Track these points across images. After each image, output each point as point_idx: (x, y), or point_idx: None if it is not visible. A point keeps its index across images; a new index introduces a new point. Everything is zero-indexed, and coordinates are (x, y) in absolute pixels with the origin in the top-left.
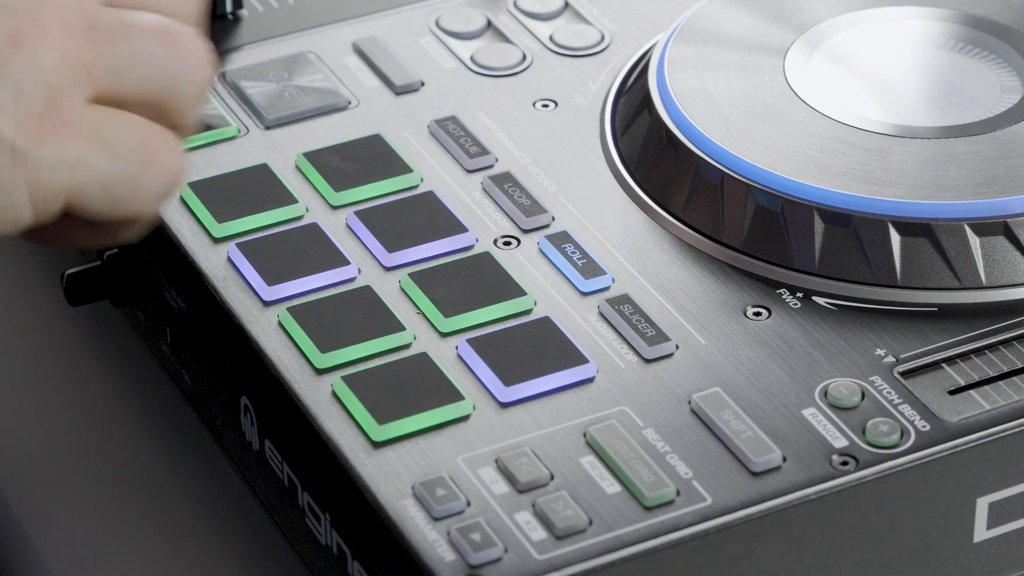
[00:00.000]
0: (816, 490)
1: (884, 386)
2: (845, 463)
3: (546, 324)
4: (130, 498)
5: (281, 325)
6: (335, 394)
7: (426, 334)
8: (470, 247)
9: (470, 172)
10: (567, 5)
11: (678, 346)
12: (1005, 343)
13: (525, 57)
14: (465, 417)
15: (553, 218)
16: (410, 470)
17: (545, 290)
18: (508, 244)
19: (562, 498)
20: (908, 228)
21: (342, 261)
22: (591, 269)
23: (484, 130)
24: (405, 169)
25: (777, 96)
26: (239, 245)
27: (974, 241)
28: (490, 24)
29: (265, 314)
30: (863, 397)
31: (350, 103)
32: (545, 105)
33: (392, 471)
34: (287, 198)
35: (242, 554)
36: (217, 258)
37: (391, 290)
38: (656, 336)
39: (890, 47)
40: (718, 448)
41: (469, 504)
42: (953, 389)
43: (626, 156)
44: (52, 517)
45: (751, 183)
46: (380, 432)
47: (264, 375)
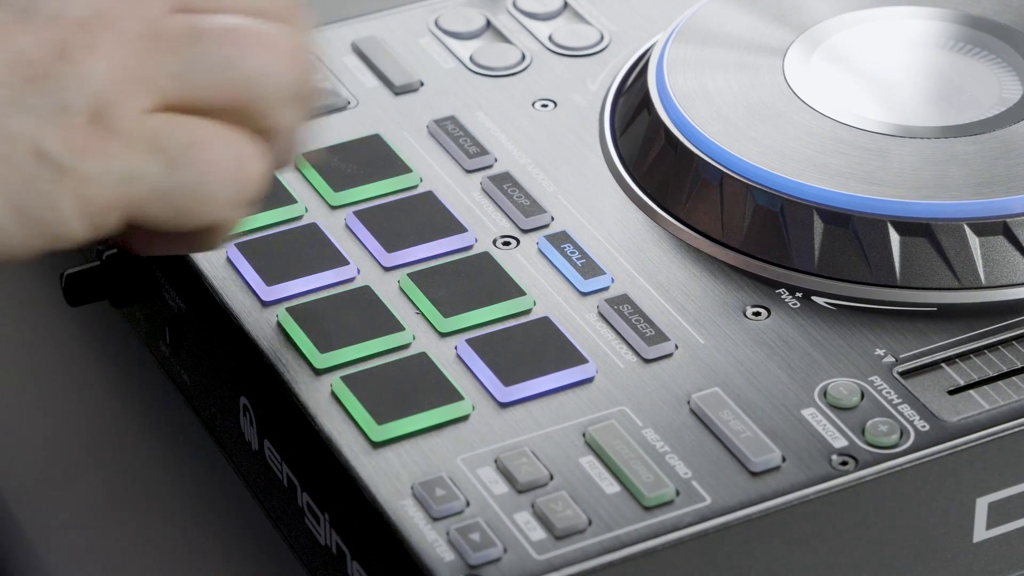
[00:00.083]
0: (815, 490)
1: (883, 386)
2: (844, 463)
3: (545, 324)
4: (129, 498)
5: (280, 325)
6: (334, 394)
7: (425, 334)
8: (469, 247)
9: (469, 172)
10: (566, 5)
11: (677, 346)
12: (1005, 343)
13: (524, 57)
14: (464, 417)
15: (552, 218)
16: (409, 470)
17: (544, 290)
18: (507, 244)
19: (561, 498)
20: (907, 228)
21: (341, 261)
22: (590, 269)
23: (483, 130)
24: (404, 169)
25: (776, 96)
26: (238, 245)
27: (973, 241)
28: (489, 24)
29: (264, 314)
30: (862, 397)
31: (349, 103)
32: (544, 105)
33: (391, 471)
34: (286, 198)
35: (241, 554)
36: (216, 258)
37: (390, 290)
38: (655, 336)
39: (889, 47)
40: (717, 448)
41: (468, 504)
42: (952, 389)
43: (625, 156)
44: (51, 517)
45: (750, 183)
46: (379, 432)
47: (263, 375)
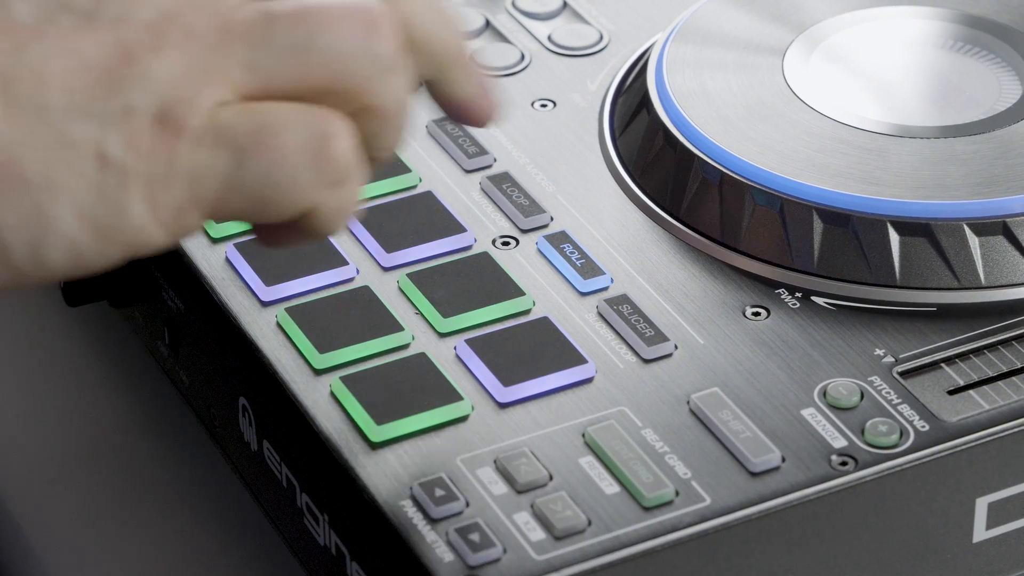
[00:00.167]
0: (815, 490)
1: (883, 386)
2: (844, 463)
3: (545, 324)
4: (128, 499)
5: (279, 325)
6: (333, 394)
7: (424, 334)
8: (468, 247)
9: (468, 172)
10: (565, 5)
11: (677, 346)
12: (1004, 343)
13: (523, 57)
14: (464, 417)
15: (552, 218)
16: (409, 471)
17: (544, 290)
18: (507, 244)
19: (561, 498)
20: (907, 228)
21: (340, 261)
22: (590, 269)
23: (482, 130)
24: (403, 169)
25: (776, 96)
26: (237, 245)
27: (973, 241)
28: (488, 24)
29: (263, 314)
30: (862, 397)
31: None
32: (544, 105)
33: (391, 472)
34: None
35: (240, 555)
36: (215, 258)
37: (389, 290)
38: (655, 336)
39: (889, 47)
40: (717, 448)
41: (468, 505)
42: (952, 389)
43: (625, 156)
44: (50, 517)
45: (750, 183)
46: (379, 433)
47: (262, 375)
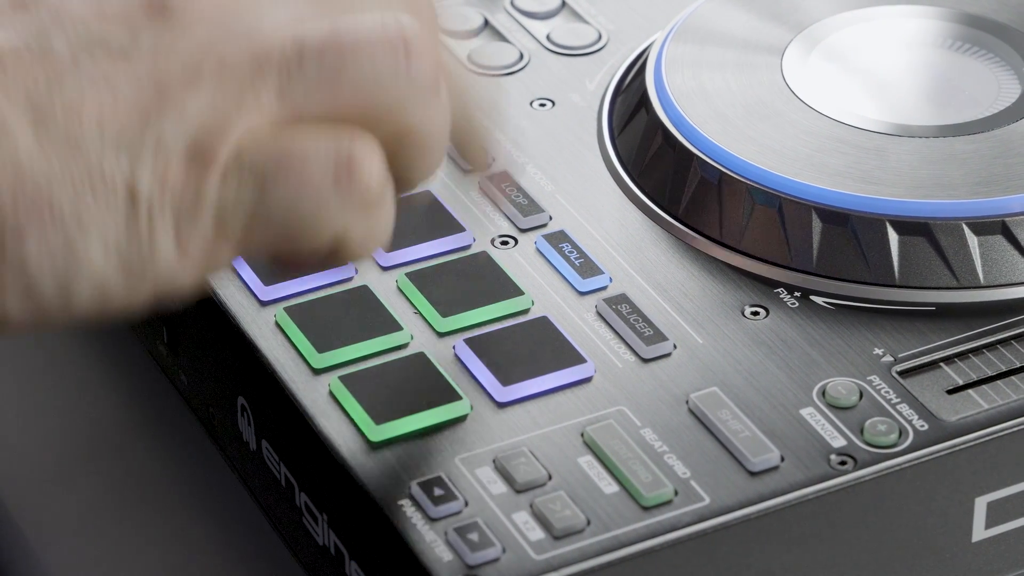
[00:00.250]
0: (814, 490)
1: (882, 385)
2: (843, 463)
3: (543, 324)
4: (127, 499)
5: (278, 325)
6: (332, 394)
7: (423, 334)
8: (467, 247)
9: (467, 171)
10: (564, 4)
11: (676, 346)
12: (1003, 342)
13: (522, 56)
14: (463, 417)
15: (551, 217)
16: (408, 470)
17: (542, 290)
18: (505, 244)
19: (560, 498)
20: (906, 227)
21: None
22: (588, 269)
23: None
24: None
25: (775, 95)
26: None
27: (972, 240)
28: (487, 23)
29: (262, 314)
30: (861, 396)
31: None
32: (542, 104)
33: (390, 471)
34: None
35: (239, 555)
36: None
37: (388, 290)
38: (654, 336)
39: (888, 46)
40: (716, 448)
41: (467, 504)
42: (951, 388)
43: (624, 155)
44: (49, 517)
45: (749, 182)
46: (377, 432)
47: (261, 375)
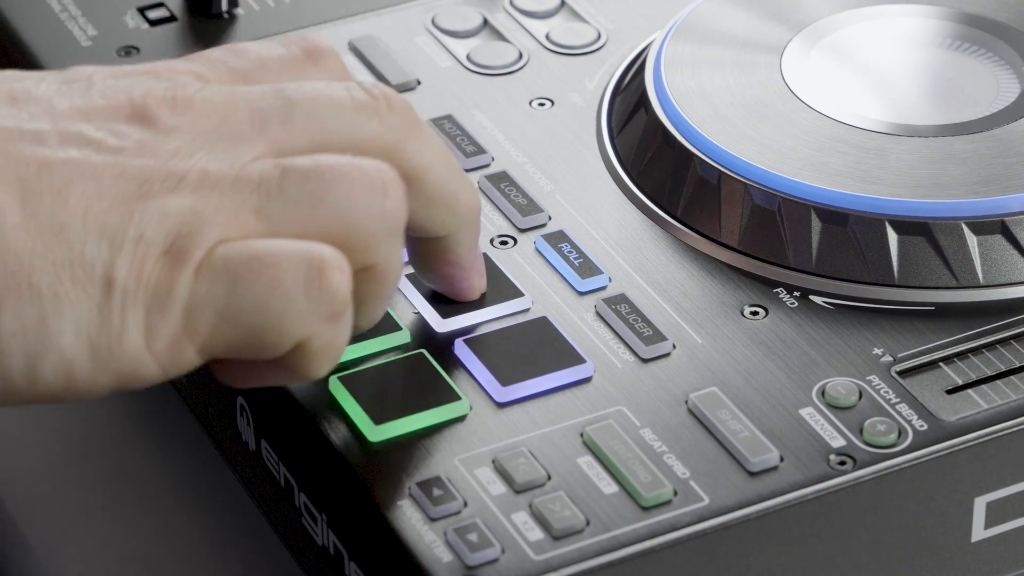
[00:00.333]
0: (813, 490)
1: (882, 385)
2: (843, 463)
3: (543, 324)
4: (126, 499)
5: None
6: (331, 394)
7: (423, 334)
8: None
9: (467, 171)
10: (563, 3)
11: (675, 346)
12: (1003, 342)
13: (521, 56)
14: (462, 417)
15: (550, 217)
16: (407, 470)
17: (542, 290)
18: (505, 243)
19: (559, 498)
20: (905, 227)
21: None
22: (588, 268)
23: (480, 129)
24: None
25: (774, 94)
26: None
27: (971, 240)
28: (486, 22)
29: None
30: (860, 396)
31: None
32: (541, 104)
33: (389, 471)
34: None
35: (238, 555)
36: None
37: None
38: (653, 336)
39: (887, 45)
40: (715, 448)
41: (466, 504)
42: (951, 388)
43: (623, 155)
44: (48, 517)
45: (748, 182)
46: (377, 432)
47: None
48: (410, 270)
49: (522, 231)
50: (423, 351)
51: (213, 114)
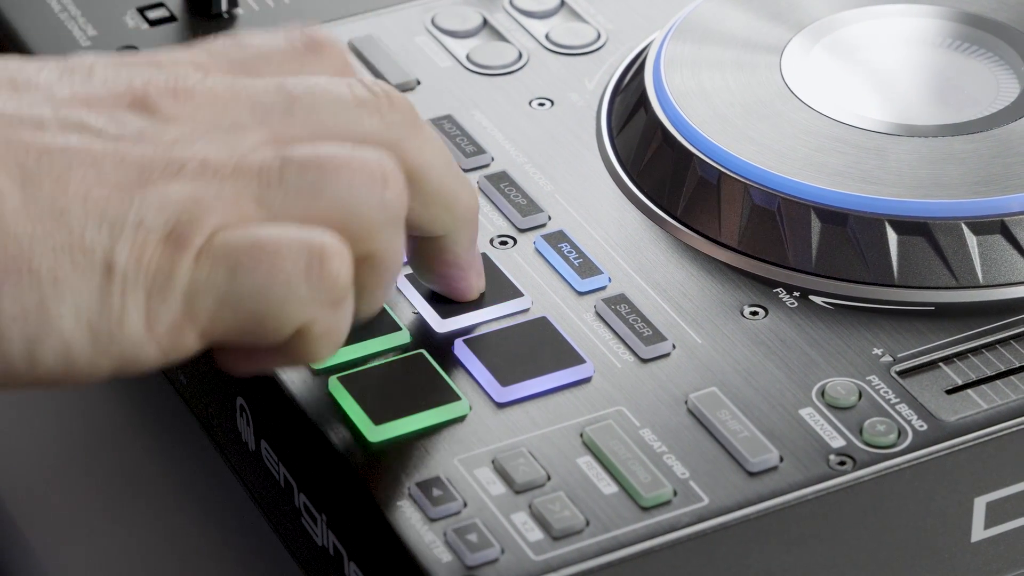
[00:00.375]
0: (813, 490)
1: (881, 385)
2: (842, 463)
3: (543, 324)
4: (126, 499)
5: None
6: (331, 394)
7: (422, 334)
8: None
9: (466, 171)
10: (563, 3)
11: (675, 346)
12: (1002, 342)
13: (521, 56)
14: (461, 417)
15: (549, 217)
16: (407, 471)
17: (541, 290)
18: (504, 244)
19: (559, 498)
20: (905, 227)
21: None
22: (587, 269)
23: (480, 129)
24: None
25: (774, 94)
26: None
27: (971, 240)
28: (486, 22)
29: None
30: (860, 397)
31: None
32: (541, 104)
33: (388, 472)
34: None
35: (238, 555)
36: None
37: None
38: (653, 336)
39: (887, 45)
40: (715, 448)
41: (466, 505)
42: (950, 388)
43: (622, 155)
44: (48, 517)
45: (748, 182)
46: (376, 433)
47: (260, 375)
48: (410, 270)
49: (522, 231)
50: (423, 351)
51: (214, 104)
